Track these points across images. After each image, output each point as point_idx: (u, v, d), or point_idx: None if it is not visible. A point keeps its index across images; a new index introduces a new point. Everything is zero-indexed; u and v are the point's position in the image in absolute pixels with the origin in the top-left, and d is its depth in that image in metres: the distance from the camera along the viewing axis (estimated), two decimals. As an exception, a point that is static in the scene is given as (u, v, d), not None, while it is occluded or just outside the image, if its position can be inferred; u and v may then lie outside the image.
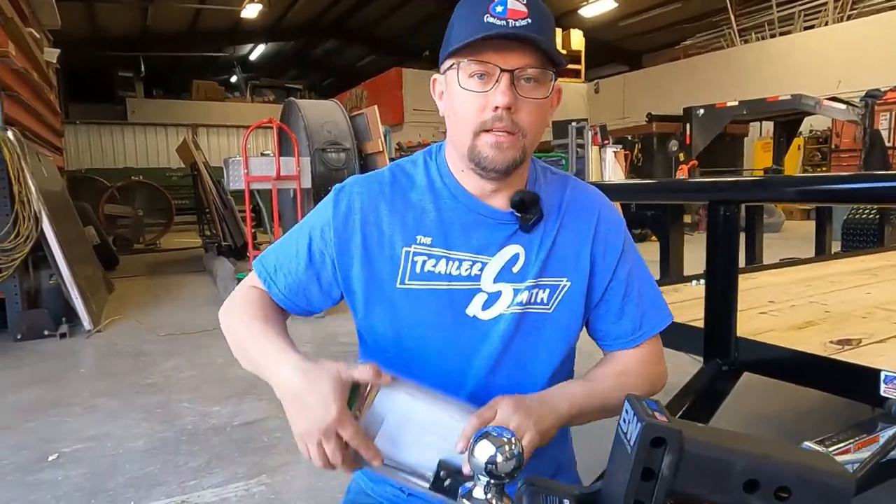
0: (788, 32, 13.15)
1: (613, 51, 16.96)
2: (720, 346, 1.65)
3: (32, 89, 5.21)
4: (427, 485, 0.74)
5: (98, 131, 14.98)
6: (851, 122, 9.12)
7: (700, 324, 1.68)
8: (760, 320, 1.87)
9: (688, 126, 9.37)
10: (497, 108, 0.82)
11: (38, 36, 5.87)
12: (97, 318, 4.36)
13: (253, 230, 5.18)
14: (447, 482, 0.73)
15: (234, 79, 18.35)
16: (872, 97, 9.08)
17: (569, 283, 0.93)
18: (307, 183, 4.75)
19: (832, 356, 1.45)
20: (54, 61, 6.69)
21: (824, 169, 11.31)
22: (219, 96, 16.99)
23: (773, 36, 13.37)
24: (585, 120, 8.52)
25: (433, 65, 12.19)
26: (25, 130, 4.71)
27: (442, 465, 0.73)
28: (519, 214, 0.91)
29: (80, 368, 3.45)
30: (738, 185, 1.70)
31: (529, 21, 0.82)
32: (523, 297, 0.90)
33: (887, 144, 8.63)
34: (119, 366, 3.47)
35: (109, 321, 4.45)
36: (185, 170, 10.55)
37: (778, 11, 13.26)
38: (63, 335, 4.05)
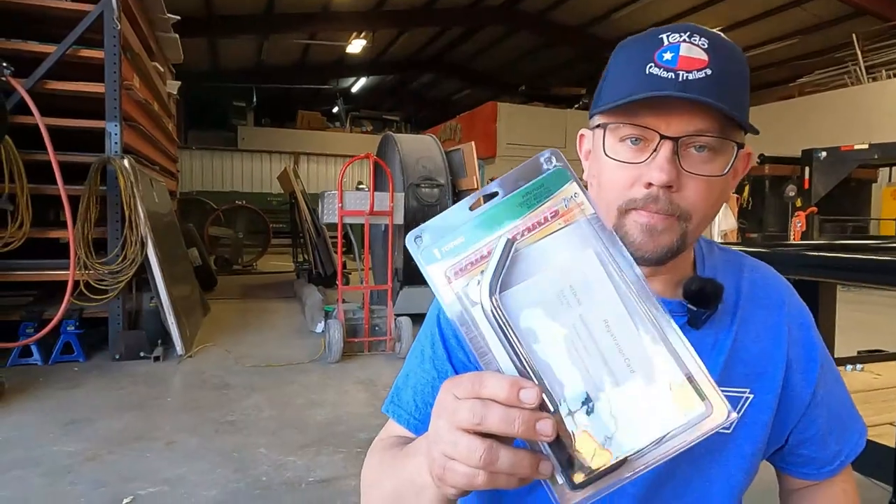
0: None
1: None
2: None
3: (152, 119, 5.52)
4: None
5: (210, 156, 16.03)
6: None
7: (885, 438, 1.32)
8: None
9: (807, 169, 8.60)
10: (651, 184, 0.62)
11: (161, 70, 6.27)
12: (189, 343, 4.43)
13: (343, 258, 5.17)
14: None
15: (335, 109, 19.13)
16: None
17: (752, 396, 0.72)
18: (399, 219, 4.66)
19: None
20: (174, 92, 7.14)
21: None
22: (320, 126, 17.73)
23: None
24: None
25: (529, 99, 11.99)
26: (142, 157, 4.97)
27: None
28: (694, 308, 0.69)
29: (168, 398, 3.46)
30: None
31: (709, 72, 0.60)
32: None
33: None
34: (203, 398, 3.45)
35: (200, 348, 4.51)
36: (284, 196, 10.95)
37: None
38: (157, 358, 4.13)
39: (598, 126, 0.68)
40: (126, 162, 4.15)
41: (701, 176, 0.63)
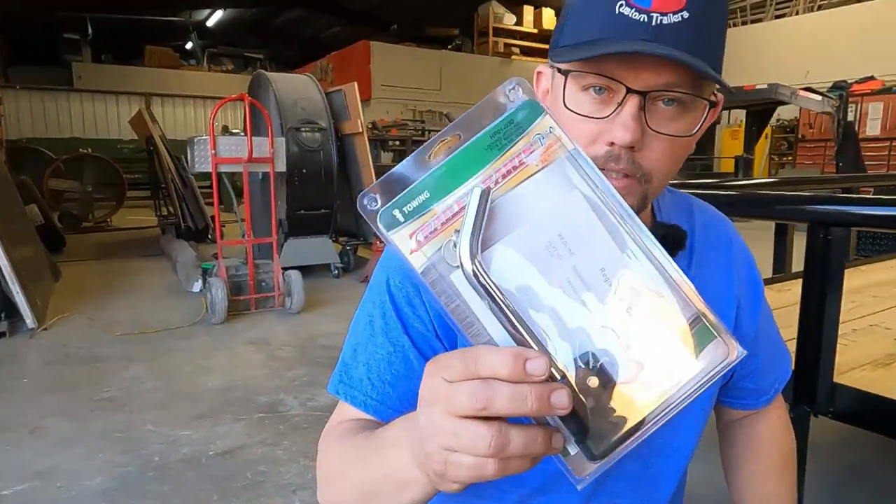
0: (760, 20, 13.14)
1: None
2: (812, 393, 1.42)
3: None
4: None
5: (41, 98, 13.86)
6: (825, 113, 9.14)
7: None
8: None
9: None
10: (614, 143, 0.57)
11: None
12: (42, 313, 3.88)
13: (211, 207, 4.75)
14: None
15: (189, 45, 17.31)
16: (840, 89, 9.12)
17: None
18: (282, 166, 4.33)
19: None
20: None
21: (789, 158, 11.46)
22: (174, 63, 15.97)
23: (744, 23, 13.35)
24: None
25: (401, 39, 11.68)
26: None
27: None
28: None
29: (24, 378, 3.02)
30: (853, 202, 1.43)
31: (686, 15, 0.53)
32: None
33: (850, 137, 8.71)
34: (70, 375, 3.05)
35: (57, 318, 3.97)
36: (139, 142, 9.83)
37: (751, -2, 13.22)
38: (2, 334, 3.58)
39: (557, 70, 0.60)
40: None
41: (667, 135, 0.57)
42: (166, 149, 7.03)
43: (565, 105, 0.59)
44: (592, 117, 0.57)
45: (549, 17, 14.08)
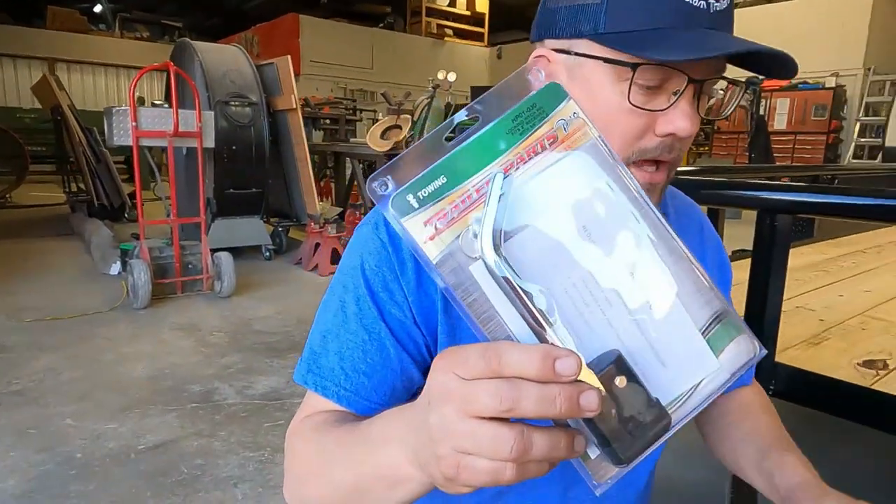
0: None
1: (516, 16, 16.84)
2: (757, 372, 1.48)
3: None
4: None
5: (-77, 58, 12.48)
6: (740, 107, 9.72)
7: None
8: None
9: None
10: (671, 134, 0.55)
11: None
12: (-65, 298, 3.50)
13: (127, 183, 4.42)
14: None
15: (98, 8, 16.02)
16: (753, 84, 9.71)
17: None
18: (210, 142, 4.09)
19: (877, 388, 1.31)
20: None
21: (706, 149, 12.10)
22: (81, 27, 14.73)
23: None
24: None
25: (332, 13, 11.29)
26: None
27: None
28: None
29: (-85, 370, 2.71)
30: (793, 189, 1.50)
31: (727, 2, 0.55)
32: None
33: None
34: (-29, 366, 2.77)
35: (-48, 303, 3.60)
36: (43, 112, 9.02)
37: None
38: None
39: (617, 62, 0.55)
40: None
41: (713, 120, 0.58)
42: (76, 120, 6.49)
43: (630, 101, 0.55)
44: (652, 110, 0.55)
45: (481, 0, 14.07)
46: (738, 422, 0.82)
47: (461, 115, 0.38)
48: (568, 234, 0.37)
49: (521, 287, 0.35)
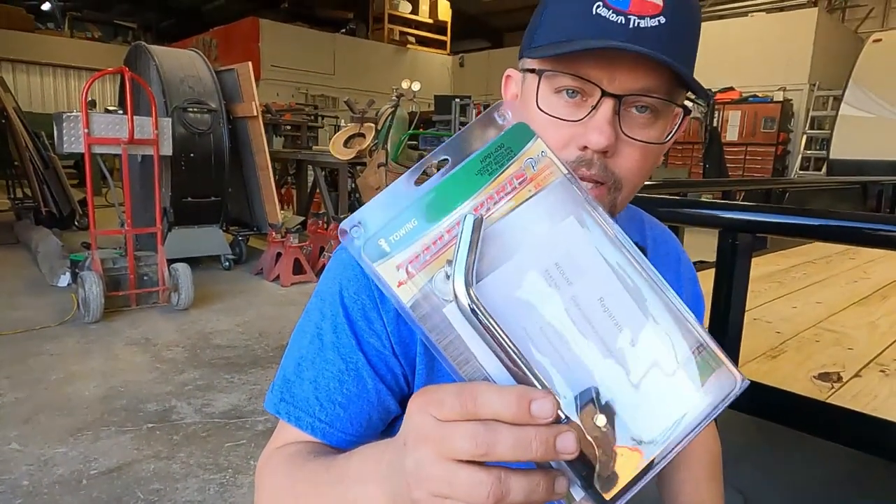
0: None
1: (478, 25, 16.99)
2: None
3: None
4: None
5: None
6: (695, 118, 10.02)
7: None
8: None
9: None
10: (586, 147, 0.55)
11: None
12: None
13: (77, 189, 4.24)
14: None
15: (46, 6, 15.43)
16: (707, 97, 10.05)
17: None
18: (167, 149, 3.96)
19: (832, 401, 1.36)
20: None
21: (662, 159, 12.46)
22: (27, 26, 14.13)
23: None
24: (469, 97, 8.32)
25: (293, 17, 11.18)
26: None
27: None
28: None
29: None
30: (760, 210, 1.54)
31: (663, 20, 0.53)
32: None
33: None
34: None
35: None
36: (-16, 114, 8.59)
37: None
38: None
39: (530, 70, 0.58)
40: None
41: (639, 142, 0.57)
42: (22, 123, 6.22)
43: (538, 105, 0.57)
44: (565, 120, 0.56)
45: (444, 8, 14.14)
46: (675, 465, 0.83)
47: (429, 159, 0.39)
48: (541, 272, 0.37)
49: (495, 327, 0.34)
